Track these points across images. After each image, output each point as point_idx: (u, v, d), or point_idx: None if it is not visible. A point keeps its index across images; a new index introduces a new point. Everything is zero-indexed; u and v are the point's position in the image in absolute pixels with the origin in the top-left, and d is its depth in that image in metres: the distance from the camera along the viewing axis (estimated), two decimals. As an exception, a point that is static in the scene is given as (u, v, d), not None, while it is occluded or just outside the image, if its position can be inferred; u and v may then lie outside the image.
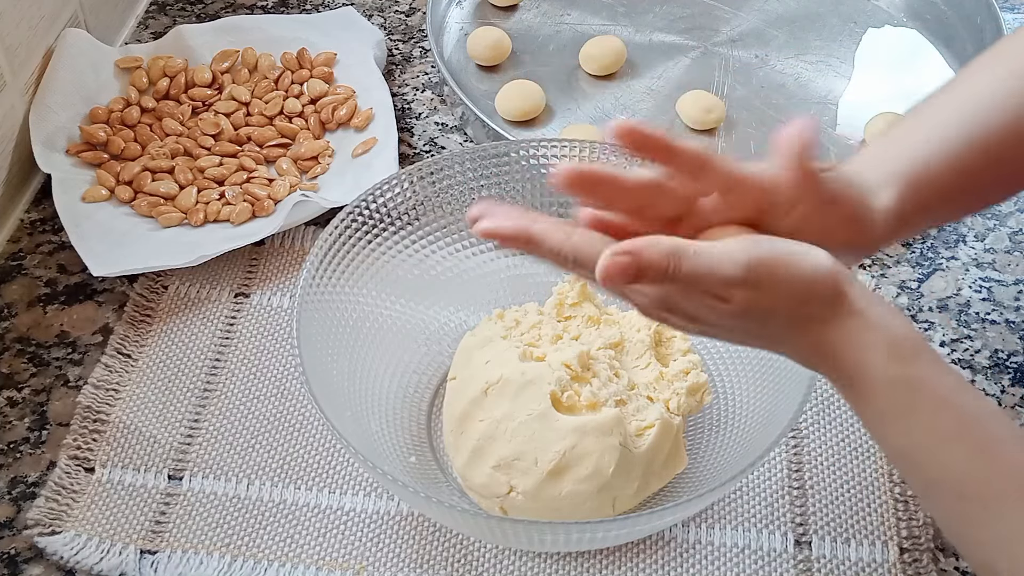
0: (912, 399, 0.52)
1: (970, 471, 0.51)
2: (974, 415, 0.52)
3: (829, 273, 0.52)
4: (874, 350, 0.52)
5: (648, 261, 0.50)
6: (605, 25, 1.05)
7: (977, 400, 0.53)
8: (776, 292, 0.52)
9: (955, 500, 0.52)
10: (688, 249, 0.51)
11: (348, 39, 0.98)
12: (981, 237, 0.88)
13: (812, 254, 0.52)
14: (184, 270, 0.82)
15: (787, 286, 0.52)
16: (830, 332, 0.53)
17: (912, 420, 0.52)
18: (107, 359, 0.77)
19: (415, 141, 0.95)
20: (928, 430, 0.52)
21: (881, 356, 0.52)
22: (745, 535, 0.69)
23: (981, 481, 0.51)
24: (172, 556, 0.68)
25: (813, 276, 0.52)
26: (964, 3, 1.03)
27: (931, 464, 0.52)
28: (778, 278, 0.51)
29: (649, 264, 0.50)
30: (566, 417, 0.67)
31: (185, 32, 0.96)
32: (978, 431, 0.52)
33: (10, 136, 0.86)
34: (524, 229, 0.53)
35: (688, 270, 0.50)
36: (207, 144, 0.90)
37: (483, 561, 0.68)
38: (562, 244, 0.53)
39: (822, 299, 0.52)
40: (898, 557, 0.68)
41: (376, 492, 0.71)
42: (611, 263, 0.50)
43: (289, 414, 0.75)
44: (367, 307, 0.74)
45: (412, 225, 0.76)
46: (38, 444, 0.73)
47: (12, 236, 0.86)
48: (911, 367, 0.52)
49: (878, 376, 0.52)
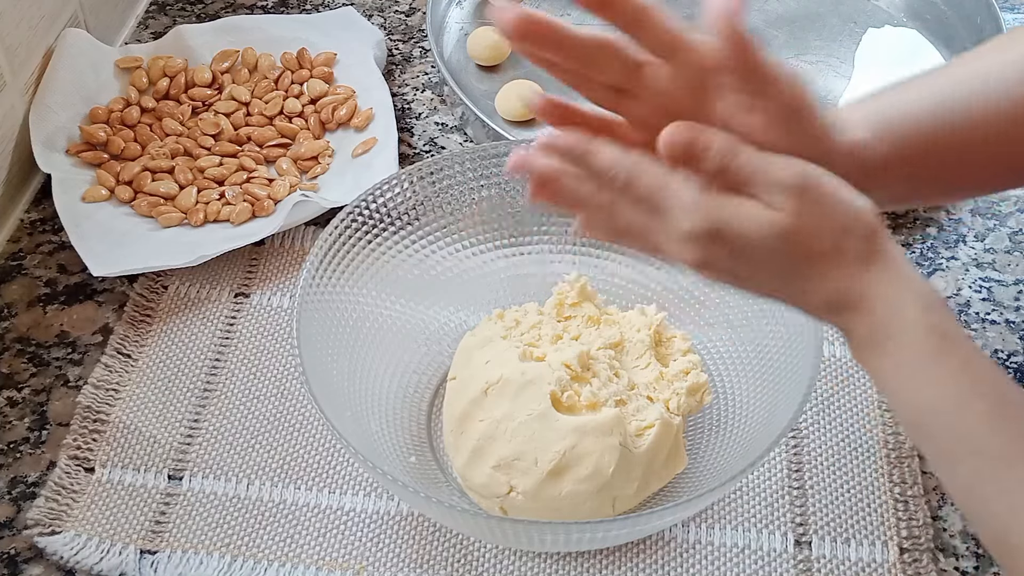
0: (946, 346, 0.51)
1: (996, 428, 0.51)
2: (997, 375, 0.52)
3: (869, 212, 0.52)
4: (908, 297, 0.52)
5: (710, 138, 0.50)
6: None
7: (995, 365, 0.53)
8: (823, 211, 0.51)
9: (975, 458, 0.51)
10: (745, 148, 0.51)
11: (348, 39, 0.98)
12: (981, 237, 0.88)
13: (855, 192, 0.52)
14: (184, 270, 0.82)
15: (833, 208, 0.51)
16: (865, 274, 0.52)
17: (944, 369, 0.51)
18: (107, 359, 0.77)
19: (415, 141, 0.95)
20: (959, 379, 0.51)
21: (915, 303, 0.51)
22: (745, 535, 0.69)
23: (1007, 439, 0.50)
24: (172, 556, 0.68)
25: (857, 210, 0.51)
26: (964, 3, 1.03)
27: (956, 418, 0.52)
28: (826, 197, 0.51)
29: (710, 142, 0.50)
30: (566, 417, 0.67)
31: (185, 32, 0.96)
32: (1004, 389, 0.52)
33: (10, 136, 0.86)
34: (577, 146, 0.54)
35: (744, 161, 0.50)
36: (207, 144, 0.90)
37: (483, 561, 0.68)
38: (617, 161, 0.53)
39: (862, 235, 0.52)
40: (898, 557, 0.68)
41: (376, 492, 0.71)
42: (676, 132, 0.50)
43: (289, 414, 0.75)
44: (367, 307, 0.74)
45: (412, 225, 0.76)
46: (38, 444, 0.73)
47: (12, 236, 0.86)
48: (942, 318, 0.52)
49: (913, 322, 0.51)
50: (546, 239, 0.79)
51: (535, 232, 0.79)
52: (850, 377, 0.77)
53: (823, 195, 0.51)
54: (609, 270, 0.79)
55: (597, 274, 0.78)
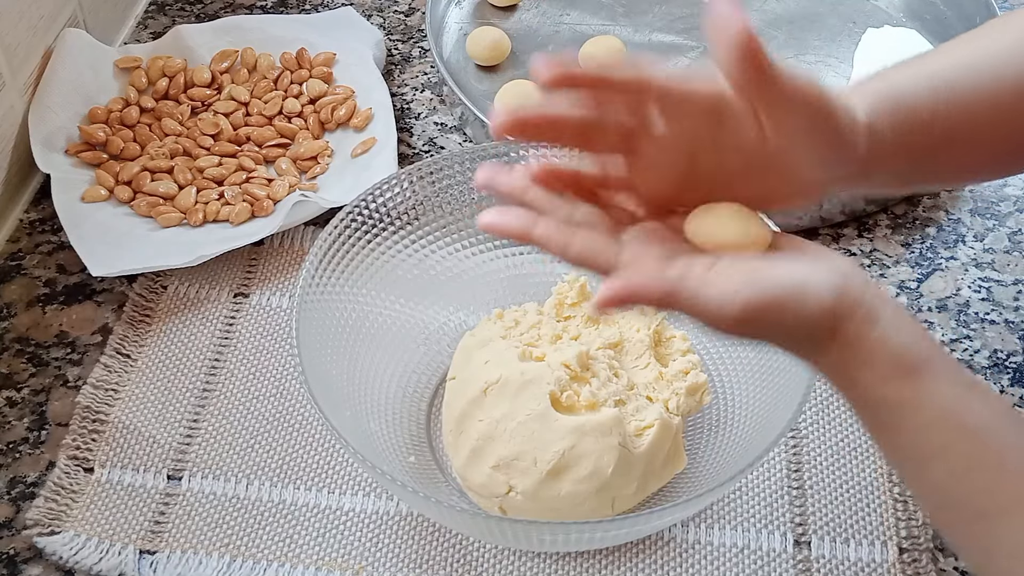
0: (896, 418, 0.51)
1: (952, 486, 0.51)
2: (973, 427, 0.51)
3: (828, 312, 0.51)
4: (864, 370, 0.51)
5: (645, 297, 0.50)
6: (604, 25, 1.05)
7: (985, 406, 0.52)
8: (770, 333, 0.52)
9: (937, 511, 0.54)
10: (683, 292, 0.50)
11: (347, 39, 0.98)
12: (980, 237, 0.88)
13: (812, 292, 0.50)
14: (183, 270, 0.82)
15: (782, 329, 0.51)
16: (822, 359, 0.53)
17: (898, 438, 0.52)
18: (106, 359, 0.77)
19: (414, 141, 0.95)
20: (912, 448, 0.52)
21: (869, 376, 0.51)
22: (745, 535, 0.69)
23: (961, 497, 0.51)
24: (171, 556, 0.68)
25: (810, 319, 0.51)
26: (963, 3, 1.03)
27: (916, 479, 0.53)
28: (771, 323, 0.51)
29: (646, 298, 0.51)
30: (565, 417, 0.67)
31: (184, 32, 0.96)
32: (970, 445, 0.51)
33: (9, 136, 0.86)
34: (526, 231, 0.53)
35: (684, 308, 0.51)
36: (206, 144, 0.90)
37: (482, 561, 0.68)
38: (565, 250, 0.53)
39: (818, 338, 0.52)
40: (897, 557, 0.68)
41: (375, 492, 0.71)
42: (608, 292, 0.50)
43: (288, 414, 0.75)
44: (367, 307, 0.74)
45: (412, 225, 0.76)
46: (37, 444, 0.73)
47: (11, 236, 0.86)
48: (904, 385, 0.51)
49: (865, 396, 0.52)
50: (545, 239, 0.79)
51: (535, 232, 0.78)
52: (849, 377, 0.77)
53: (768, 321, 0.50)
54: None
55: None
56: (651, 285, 0.51)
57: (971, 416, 0.51)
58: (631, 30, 1.04)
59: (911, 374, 0.51)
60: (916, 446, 0.51)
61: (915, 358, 0.51)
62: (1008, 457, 0.50)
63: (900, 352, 0.51)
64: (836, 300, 0.51)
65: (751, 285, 0.50)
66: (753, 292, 0.50)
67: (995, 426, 0.51)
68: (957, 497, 0.51)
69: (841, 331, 0.51)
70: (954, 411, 0.51)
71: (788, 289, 0.50)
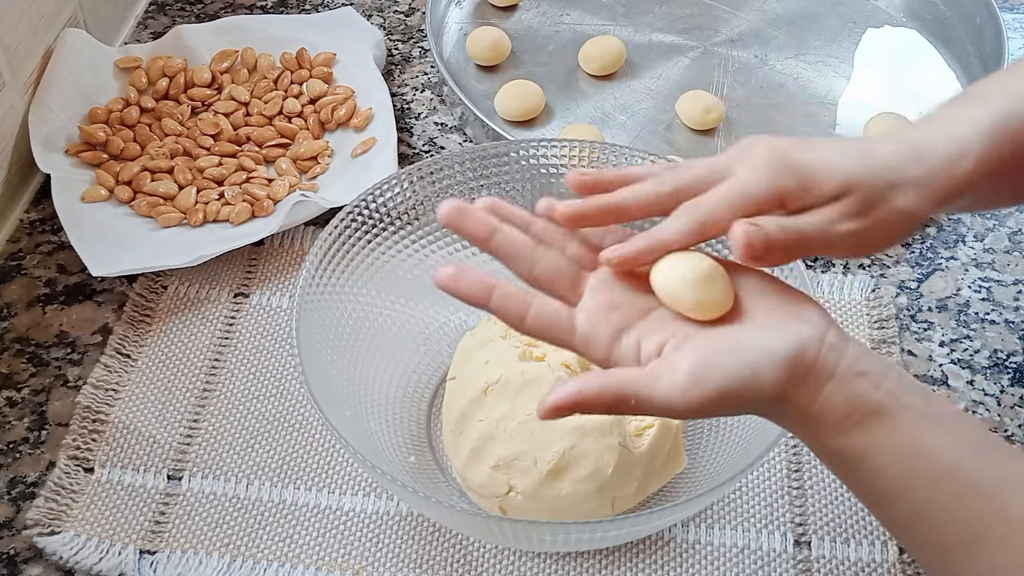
0: (852, 465, 0.53)
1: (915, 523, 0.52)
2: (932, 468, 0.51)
3: (779, 388, 0.52)
4: (816, 426, 0.52)
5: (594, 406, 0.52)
6: (604, 25, 1.05)
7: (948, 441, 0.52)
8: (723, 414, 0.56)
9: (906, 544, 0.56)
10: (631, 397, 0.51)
11: (347, 39, 0.98)
12: (980, 237, 0.88)
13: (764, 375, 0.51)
14: (183, 270, 0.82)
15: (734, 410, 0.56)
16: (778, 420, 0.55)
17: (858, 483, 0.54)
18: (106, 359, 0.77)
19: (415, 141, 0.95)
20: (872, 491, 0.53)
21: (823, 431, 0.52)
22: (745, 535, 0.70)
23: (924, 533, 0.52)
24: (171, 556, 0.68)
25: (760, 400, 0.52)
26: (963, 3, 1.03)
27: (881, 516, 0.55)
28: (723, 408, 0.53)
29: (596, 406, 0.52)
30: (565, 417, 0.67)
31: (184, 32, 0.96)
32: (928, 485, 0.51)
33: (9, 136, 0.86)
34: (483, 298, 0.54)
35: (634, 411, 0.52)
36: (206, 144, 0.90)
37: (483, 561, 0.68)
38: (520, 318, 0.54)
39: (771, 409, 0.53)
40: (897, 557, 0.68)
41: (376, 492, 0.71)
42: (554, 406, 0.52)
43: (289, 414, 0.75)
44: (367, 307, 0.74)
45: (412, 225, 0.76)
46: (37, 444, 0.73)
47: (12, 236, 0.86)
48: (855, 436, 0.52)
49: (822, 448, 0.54)
50: (546, 239, 0.79)
51: (535, 232, 0.78)
52: (850, 377, 0.77)
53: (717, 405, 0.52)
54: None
55: (597, 274, 0.78)
56: (601, 393, 0.52)
57: (931, 455, 0.52)
58: (631, 30, 1.04)
59: (861, 424, 0.52)
60: (876, 489, 0.53)
61: (866, 408, 0.52)
62: (969, 492, 0.51)
63: (849, 408, 0.52)
64: (788, 373, 0.52)
65: (698, 384, 0.51)
66: (701, 391, 0.51)
67: (957, 462, 0.51)
68: (920, 533, 0.53)
69: (793, 397, 0.52)
70: (909, 455, 0.52)
71: (738, 380, 0.51)
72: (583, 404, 0.52)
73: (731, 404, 0.52)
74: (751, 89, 0.99)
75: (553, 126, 0.95)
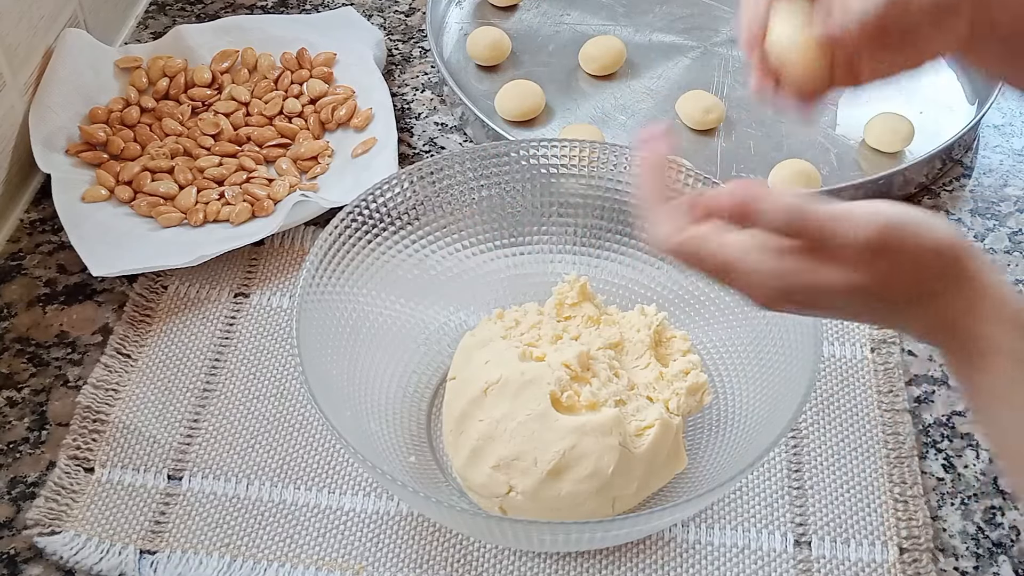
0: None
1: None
2: None
3: (952, 244, 0.50)
4: (996, 322, 0.50)
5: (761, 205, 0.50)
6: (605, 25, 1.05)
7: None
8: (902, 262, 0.50)
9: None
10: (813, 208, 0.49)
11: (348, 39, 0.98)
12: (980, 237, 0.88)
13: (935, 224, 0.50)
14: (184, 270, 0.82)
15: (913, 256, 0.50)
16: (951, 305, 0.51)
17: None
18: (107, 359, 0.77)
19: (415, 141, 0.95)
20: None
21: (1003, 327, 0.50)
22: (745, 535, 0.69)
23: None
24: (172, 556, 0.68)
25: (936, 247, 0.50)
26: (964, 3, 1.03)
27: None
28: (906, 247, 0.50)
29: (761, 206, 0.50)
30: (566, 417, 0.67)
31: (185, 32, 0.96)
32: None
33: (10, 136, 0.86)
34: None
35: (815, 227, 0.50)
36: (207, 144, 0.90)
37: (483, 561, 0.68)
38: None
39: (944, 271, 0.51)
40: (898, 557, 0.68)
41: (376, 492, 0.71)
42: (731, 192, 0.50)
43: (289, 414, 0.75)
44: (367, 307, 0.74)
45: (412, 225, 0.76)
46: (38, 444, 0.73)
47: (12, 236, 0.86)
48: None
49: (1000, 347, 0.51)
50: (546, 239, 0.79)
51: (535, 232, 0.79)
52: (850, 377, 0.77)
53: (903, 247, 0.50)
54: (609, 270, 0.79)
55: (597, 274, 0.78)
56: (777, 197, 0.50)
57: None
58: (631, 30, 1.04)
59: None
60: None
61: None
62: None
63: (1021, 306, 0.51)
64: (957, 235, 0.50)
65: (878, 213, 0.49)
66: (884, 217, 0.49)
67: None
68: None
69: (966, 269, 0.50)
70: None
71: (914, 218, 0.50)
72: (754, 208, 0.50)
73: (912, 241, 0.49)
74: (751, 89, 0.99)
75: (553, 126, 0.95)
